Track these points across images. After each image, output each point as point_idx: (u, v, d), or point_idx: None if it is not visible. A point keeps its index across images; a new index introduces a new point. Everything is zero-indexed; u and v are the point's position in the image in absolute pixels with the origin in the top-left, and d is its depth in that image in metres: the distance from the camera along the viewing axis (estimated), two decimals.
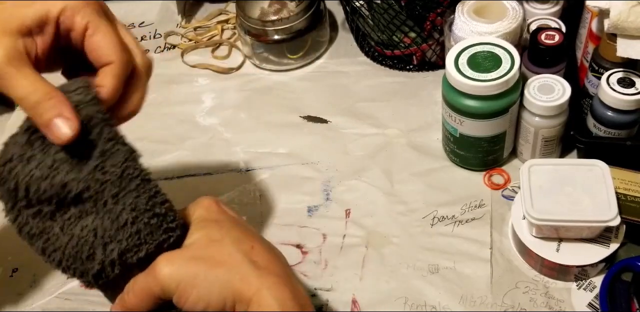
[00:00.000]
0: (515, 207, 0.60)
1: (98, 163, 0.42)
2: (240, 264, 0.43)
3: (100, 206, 0.43)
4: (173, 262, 0.42)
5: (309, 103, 0.77)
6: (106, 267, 0.43)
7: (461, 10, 0.66)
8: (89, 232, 0.43)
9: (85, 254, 0.43)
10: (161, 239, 0.44)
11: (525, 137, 0.64)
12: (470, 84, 0.57)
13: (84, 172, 0.42)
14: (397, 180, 0.68)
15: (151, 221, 0.43)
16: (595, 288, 0.57)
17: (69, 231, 0.43)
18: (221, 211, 0.47)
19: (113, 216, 0.43)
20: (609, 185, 0.55)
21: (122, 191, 0.43)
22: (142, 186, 0.43)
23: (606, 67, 0.60)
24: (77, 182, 0.42)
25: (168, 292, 0.42)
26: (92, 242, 0.43)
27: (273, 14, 0.76)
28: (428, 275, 0.60)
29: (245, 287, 0.42)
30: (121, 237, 0.43)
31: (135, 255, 0.43)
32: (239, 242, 0.44)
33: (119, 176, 0.43)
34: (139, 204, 0.43)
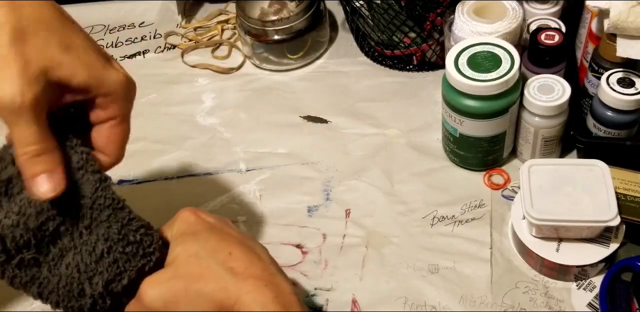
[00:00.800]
0: (515, 207, 0.60)
1: (68, 197, 0.42)
2: (217, 274, 0.43)
3: (76, 239, 0.43)
4: (155, 285, 0.43)
5: (309, 103, 0.77)
6: (97, 300, 0.43)
7: (461, 10, 0.66)
8: (72, 269, 0.43)
9: (75, 291, 0.43)
10: (140, 264, 0.44)
11: (525, 137, 0.64)
12: (470, 84, 0.57)
13: (56, 209, 0.42)
14: (397, 180, 0.68)
15: (126, 249, 0.44)
16: (595, 288, 0.57)
17: (56, 271, 0.43)
18: (199, 221, 0.47)
19: (90, 248, 0.43)
20: (608, 185, 0.55)
21: (94, 222, 0.43)
22: (113, 215, 0.43)
23: (606, 67, 0.60)
24: (52, 221, 0.42)
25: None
26: (78, 279, 0.43)
27: (273, 14, 0.76)
28: (428, 275, 0.60)
29: (225, 295, 0.42)
30: (102, 268, 0.43)
31: (119, 283, 0.44)
32: (216, 252, 0.44)
33: (89, 207, 0.43)
34: (111, 234, 0.43)
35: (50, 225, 0.42)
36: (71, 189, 0.42)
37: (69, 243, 0.43)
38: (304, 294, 0.60)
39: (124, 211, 0.44)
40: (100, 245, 0.43)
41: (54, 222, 0.42)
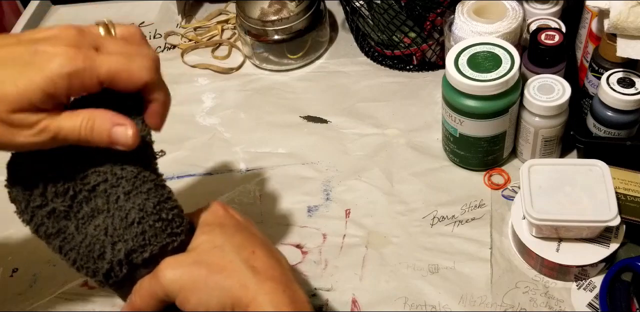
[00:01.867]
0: (515, 207, 0.60)
1: (119, 159, 0.43)
2: (239, 270, 0.44)
3: (112, 202, 0.44)
4: (175, 267, 0.44)
5: (309, 103, 0.77)
6: (114, 266, 0.44)
7: (461, 10, 0.66)
8: (100, 231, 0.44)
9: (96, 253, 0.44)
10: (165, 242, 0.45)
11: (525, 137, 0.64)
12: (470, 84, 0.57)
13: (104, 166, 0.43)
14: (397, 180, 0.68)
15: (156, 224, 0.44)
16: (595, 288, 0.57)
17: (83, 229, 0.44)
18: (228, 215, 0.48)
19: (122, 214, 0.43)
20: (608, 185, 0.55)
21: (134, 190, 0.44)
22: (153, 190, 0.44)
23: (606, 67, 0.60)
24: (96, 175, 0.43)
25: (171, 295, 0.43)
26: (102, 241, 0.43)
27: (273, 14, 0.76)
28: (428, 275, 0.60)
29: (243, 293, 0.43)
30: (128, 236, 0.44)
31: (140, 255, 0.44)
32: (240, 248, 0.45)
33: (134, 175, 0.44)
34: (146, 206, 0.44)
35: (93, 180, 0.43)
36: (123, 155, 0.43)
37: (103, 206, 0.44)
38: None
39: (164, 189, 0.45)
40: (133, 213, 0.43)
41: (97, 178, 0.43)
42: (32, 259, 0.66)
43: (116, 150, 0.43)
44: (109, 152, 0.43)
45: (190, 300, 0.43)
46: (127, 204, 0.44)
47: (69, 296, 0.62)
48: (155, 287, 0.43)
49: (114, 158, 0.43)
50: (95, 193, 0.44)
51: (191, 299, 0.43)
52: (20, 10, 1.00)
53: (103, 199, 0.44)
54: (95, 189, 0.44)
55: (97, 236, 0.44)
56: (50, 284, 0.63)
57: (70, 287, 0.63)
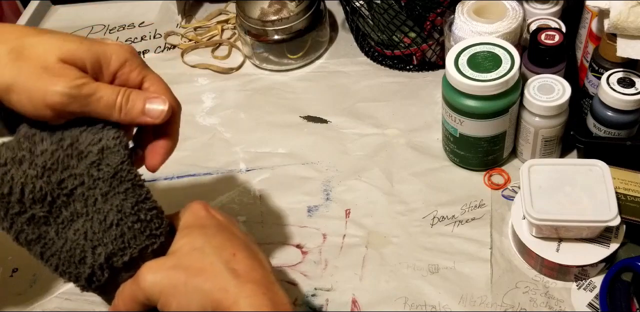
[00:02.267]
0: (515, 207, 0.60)
1: (95, 160, 0.43)
2: (219, 273, 0.43)
3: (90, 205, 0.43)
4: (155, 271, 0.43)
5: (309, 103, 0.77)
6: (96, 271, 0.44)
7: (461, 10, 0.66)
8: (80, 235, 0.43)
9: (77, 258, 0.44)
10: (144, 244, 0.45)
11: (525, 137, 0.64)
12: (470, 84, 0.57)
13: (80, 168, 0.43)
14: (397, 180, 0.68)
15: (135, 226, 0.44)
16: (595, 288, 0.57)
17: (63, 234, 0.44)
18: (209, 216, 0.48)
19: (101, 217, 0.43)
20: (609, 185, 0.55)
21: (112, 191, 0.44)
22: (131, 190, 0.44)
23: (606, 67, 0.60)
24: (72, 179, 0.43)
25: (152, 299, 0.43)
26: (82, 246, 0.43)
27: (273, 14, 0.76)
28: (428, 275, 0.60)
29: (223, 296, 0.42)
30: (107, 240, 0.44)
31: (121, 259, 0.44)
32: (221, 250, 0.45)
33: (111, 175, 0.44)
34: (124, 207, 0.44)
35: (70, 184, 0.43)
36: (98, 156, 0.43)
37: (82, 209, 0.44)
38: (304, 294, 0.60)
39: (142, 188, 0.45)
40: (111, 215, 0.43)
41: (74, 181, 0.43)
42: (32, 259, 0.65)
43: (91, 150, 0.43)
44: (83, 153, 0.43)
45: (170, 304, 0.43)
46: (105, 206, 0.43)
47: (69, 296, 0.62)
48: (137, 291, 0.43)
49: (90, 159, 0.43)
50: (73, 197, 0.44)
51: (172, 303, 0.43)
52: (20, 10, 1.00)
53: (81, 202, 0.44)
54: (72, 193, 0.43)
55: (77, 240, 0.43)
56: (50, 284, 0.64)
57: (70, 287, 0.63)
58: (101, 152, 0.43)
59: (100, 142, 0.44)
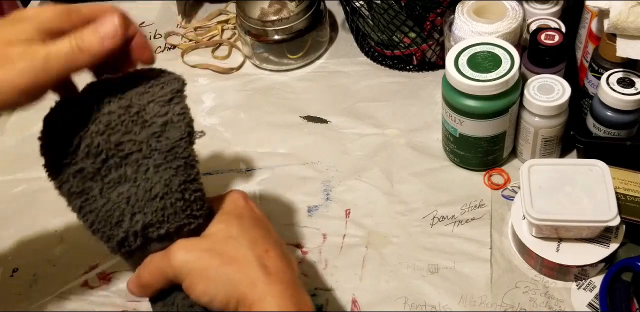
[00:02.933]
0: (515, 207, 0.60)
1: (157, 131, 0.44)
2: (251, 267, 0.43)
3: (141, 172, 0.44)
4: (189, 250, 0.44)
5: (309, 103, 0.77)
6: (129, 236, 0.44)
7: (461, 10, 0.66)
8: (123, 199, 0.44)
9: (114, 220, 0.44)
10: (182, 222, 0.45)
11: (525, 137, 0.64)
12: (470, 84, 0.57)
13: (141, 135, 0.43)
14: (397, 180, 0.68)
15: (178, 203, 0.44)
16: (595, 288, 0.57)
17: (107, 194, 0.44)
18: (247, 207, 0.48)
19: (147, 186, 0.44)
20: (608, 185, 0.55)
21: (164, 165, 0.44)
22: (183, 167, 0.44)
23: (606, 67, 0.60)
24: (131, 144, 0.43)
25: (179, 277, 0.43)
26: (123, 210, 0.44)
27: (273, 14, 0.76)
28: (428, 275, 0.60)
29: (251, 291, 0.42)
30: (148, 210, 0.44)
31: (157, 231, 0.44)
32: (255, 244, 0.45)
33: (168, 149, 0.44)
34: (172, 183, 0.44)
35: (127, 148, 0.43)
36: (161, 129, 0.44)
37: (132, 175, 0.44)
38: None
39: (193, 169, 0.45)
40: (158, 188, 0.44)
41: (132, 146, 0.43)
42: (32, 259, 0.66)
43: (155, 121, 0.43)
44: (147, 123, 0.43)
45: (196, 287, 0.43)
46: (155, 177, 0.44)
47: (69, 296, 0.62)
48: (165, 266, 0.44)
49: (152, 129, 0.44)
50: (127, 161, 0.44)
51: (198, 286, 0.43)
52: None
53: (133, 168, 0.44)
54: (128, 157, 0.44)
55: (119, 203, 0.44)
56: (50, 284, 0.64)
57: (70, 287, 0.63)
58: (165, 125, 0.44)
59: (166, 116, 0.44)
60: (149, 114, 0.44)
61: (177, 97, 0.45)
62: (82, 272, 0.64)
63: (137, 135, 0.43)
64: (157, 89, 0.45)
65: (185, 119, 0.44)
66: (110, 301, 0.62)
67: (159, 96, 0.44)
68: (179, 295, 0.45)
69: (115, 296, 0.62)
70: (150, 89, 0.45)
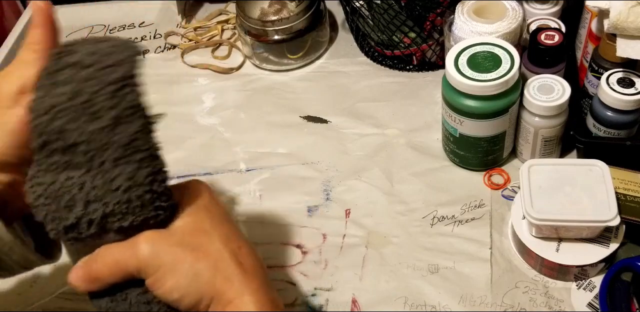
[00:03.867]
0: (515, 207, 0.60)
1: (109, 124, 0.40)
2: (226, 263, 0.42)
3: (95, 164, 0.41)
4: (158, 244, 0.41)
5: (309, 103, 0.77)
6: (82, 223, 0.41)
7: (461, 10, 0.66)
8: (73, 183, 0.41)
9: (63, 202, 0.41)
10: (150, 215, 0.42)
11: (525, 137, 0.64)
12: (470, 84, 0.57)
13: (91, 127, 0.40)
14: (397, 180, 0.68)
15: (145, 195, 0.41)
16: (595, 288, 0.57)
17: (54, 174, 0.41)
18: (213, 201, 0.46)
19: (107, 178, 0.41)
20: (608, 185, 0.55)
21: (125, 158, 0.41)
22: (146, 160, 0.41)
23: (606, 67, 0.60)
24: (78, 134, 0.40)
25: (144, 272, 0.41)
26: (74, 195, 0.41)
27: (273, 14, 0.76)
28: (428, 275, 0.60)
29: (228, 288, 0.41)
30: (108, 200, 0.41)
31: (118, 222, 0.41)
32: (228, 240, 0.43)
33: (125, 143, 0.41)
34: (137, 177, 0.41)
35: (72, 137, 0.40)
36: (112, 122, 0.40)
37: (83, 163, 0.41)
38: (304, 294, 0.60)
39: (158, 160, 0.42)
40: (120, 180, 0.41)
41: (78, 137, 0.40)
42: None
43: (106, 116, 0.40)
44: (96, 115, 0.40)
45: (166, 282, 0.41)
46: (115, 170, 0.41)
47: (69, 296, 0.62)
48: (128, 258, 0.41)
49: (103, 123, 0.40)
50: (72, 150, 0.41)
51: (168, 282, 0.40)
52: (20, 10, 1.00)
53: (82, 158, 0.41)
54: (74, 146, 0.41)
55: (70, 187, 0.41)
56: (50, 284, 0.63)
57: (70, 287, 0.63)
58: (116, 118, 0.40)
59: (116, 109, 0.40)
60: (97, 105, 0.40)
61: (128, 85, 0.41)
62: None
63: (86, 125, 0.40)
64: (105, 74, 0.41)
65: (138, 111, 0.41)
66: None
67: (107, 84, 0.40)
68: (133, 290, 0.42)
69: None
70: (98, 74, 0.41)
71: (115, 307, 0.43)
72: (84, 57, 0.42)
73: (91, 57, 0.41)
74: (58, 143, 0.41)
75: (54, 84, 0.41)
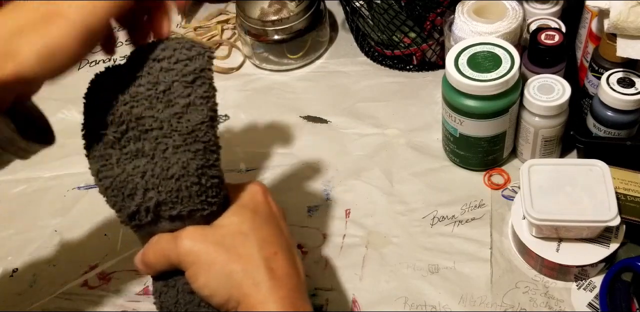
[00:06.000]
0: (515, 207, 0.60)
1: (179, 112, 0.43)
2: (257, 268, 0.43)
3: (159, 151, 0.43)
4: (197, 240, 0.43)
5: (309, 103, 0.77)
6: (141, 211, 0.44)
7: (461, 10, 0.66)
8: (138, 173, 0.43)
9: (127, 191, 0.43)
10: (195, 208, 0.44)
11: (525, 137, 0.64)
12: (470, 84, 0.57)
13: (164, 114, 0.43)
14: (397, 180, 0.68)
15: (193, 187, 0.44)
16: (595, 288, 0.57)
17: (123, 165, 0.43)
18: (265, 202, 0.47)
19: (165, 166, 0.43)
20: (608, 185, 0.55)
21: (184, 146, 0.43)
22: (202, 152, 0.44)
23: (606, 67, 0.60)
24: (153, 120, 0.43)
25: (183, 265, 0.43)
26: (136, 183, 0.43)
27: (273, 14, 0.76)
28: (428, 275, 0.60)
29: (253, 292, 0.42)
30: (163, 188, 0.43)
31: (169, 211, 0.44)
32: (265, 245, 0.44)
33: (188, 132, 0.43)
34: (189, 166, 0.43)
35: (148, 124, 0.43)
36: (182, 110, 0.43)
37: (149, 151, 0.43)
38: None
39: (213, 155, 0.44)
40: (175, 168, 0.43)
41: (154, 123, 0.43)
42: (32, 259, 0.66)
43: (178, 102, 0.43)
44: (171, 103, 0.43)
45: (198, 278, 0.43)
46: (173, 158, 0.43)
47: (69, 296, 0.62)
48: (172, 250, 0.43)
49: (174, 109, 0.43)
50: (146, 136, 0.43)
51: (200, 278, 0.42)
52: None
53: (152, 144, 0.43)
54: (147, 132, 0.43)
55: (134, 176, 0.43)
56: (50, 284, 0.63)
57: (70, 287, 0.63)
58: (187, 106, 0.43)
59: (188, 97, 0.43)
60: (173, 94, 0.43)
61: (201, 77, 0.44)
62: (82, 273, 0.64)
63: (160, 112, 0.43)
64: (181, 66, 0.44)
65: (208, 102, 0.44)
66: (109, 301, 0.62)
67: (182, 75, 0.43)
68: (181, 279, 0.45)
69: (115, 296, 0.62)
70: (175, 66, 0.44)
71: (167, 292, 0.45)
72: (159, 52, 0.44)
73: (163, 53, 0.44)
74: (134, 131, 0.43)
75: (132, 77, 0.44)
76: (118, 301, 0.62)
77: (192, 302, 0.45)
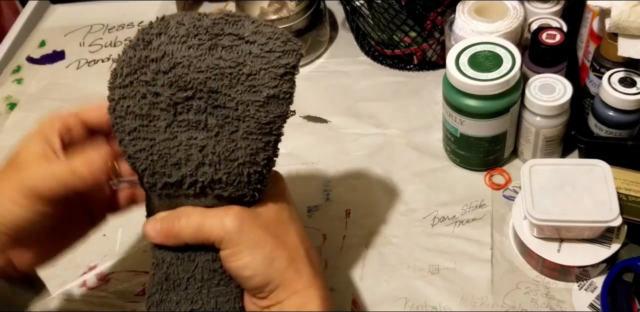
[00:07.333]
0: (516, 208, 0.60)
1: (261, 100, 0.42)
2: (300, 256, 0.45)
3: (226, 130, 0.42)
4: (245, 221, 0.43)
5: (309, 103, 0.77)
6: (185, 183, 0.42)
7: (462, 9, 0.66)
8: (194, 144, 0.42)
9: (174, 160, 0.42)
10: (243, 192, 0.43)
11: (526, 137, 0.64)
12: (471, 83, 0.57)
13: (242, 97, 0.42)
14: (397, 180, 0.68)
15: (254, 175, 0.43)
16: (597, 289, 0.57)
17: (175, 131, 0.42)
18: (290, 195, 0.48)
19: (230, 147, 0.42)
20: (610, 185, 0.55)
21: (256, 135, 0.43)
22: (272, 144, 0.44)
23: (607, 67, 0.60)
24: (229, 99, 0.42)
25: (223, 243, 0.42)
26: (189, 155, 0.42)
27: (273, 13, 0.76)
28: (428, 275, 0.60)
29: (296, 279, 0.43)
30: (221, 167, 0.42)
31: (218, 190, 0.43)
32: (303, 238, 0.46)
33: (265, 122, 0.43)
34: (258, 156, 0.43)
35: (220, 100, 0.42)
36: (265, 100, 0.42)
37: (214, 127, 0.42)
38: None
39: (277, 148, 0.44)
40: (241, 153, 0.42)
41: (228, 102, 0.42)
42: None
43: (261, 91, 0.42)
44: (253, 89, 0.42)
45: (242, 258, 0.42)
46: (242, 142, 0.42)
47: (69, 296, 0.62)
48: (214, 226, 0.42)
49: (255, 97, 0.42)
50: (213, 111, 0.42)
51: (244, 258, 0.42)
52: (19, 9, 1.00)
53: (218, 121, 0.42)
54: (217, 108, 0.42)
55: (189, 147, 0.42)
56: (51, 284, 0.63)
57: (69, 288, 0.63)
58: (270, 97, 0.42)
59: (274, 89, 0.42)
60: (258, 81, 0.42)
61: (289, 73, 0.43)
62: (81, 273, 0.64)
63: (238, 94, 0.42)
64: (274, 57, 0.43)
65: (290, 98, 0.43)
66: (108, 302, 0.61)
67: (273, 66, 0.42)
68: (203, 255, 0.44)
69: (113, 296, 0.62)
70: (267, 54, 0.43)
71: (178, 264, 0.44)
72: (250, 33, 0.43)
73: (255, 36, 0.43)
74: (200, 102, 0.42)
75: (214, 46, 0.42)
76: (117, 302, 0.62)
77: (211, 279, 0.44)
